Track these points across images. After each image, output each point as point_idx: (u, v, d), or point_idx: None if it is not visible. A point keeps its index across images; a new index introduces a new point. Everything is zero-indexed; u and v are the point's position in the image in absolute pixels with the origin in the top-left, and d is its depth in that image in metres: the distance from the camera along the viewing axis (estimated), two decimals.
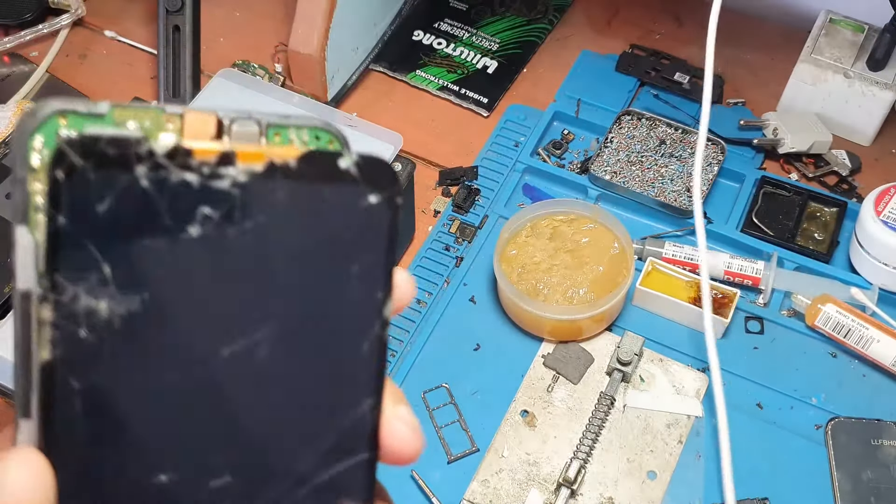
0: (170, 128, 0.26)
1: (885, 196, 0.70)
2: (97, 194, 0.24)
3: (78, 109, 0.25)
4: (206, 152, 0.25)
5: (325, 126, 0.28)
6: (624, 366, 0.66)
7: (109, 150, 0.24)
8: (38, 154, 0.24)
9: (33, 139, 0.25)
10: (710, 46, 0.67)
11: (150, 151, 0.24)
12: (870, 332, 0.66)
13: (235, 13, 0.93)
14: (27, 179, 0.24)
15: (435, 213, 0.77)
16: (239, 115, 0.27)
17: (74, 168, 0.24)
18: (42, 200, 0.24)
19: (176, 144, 0.25)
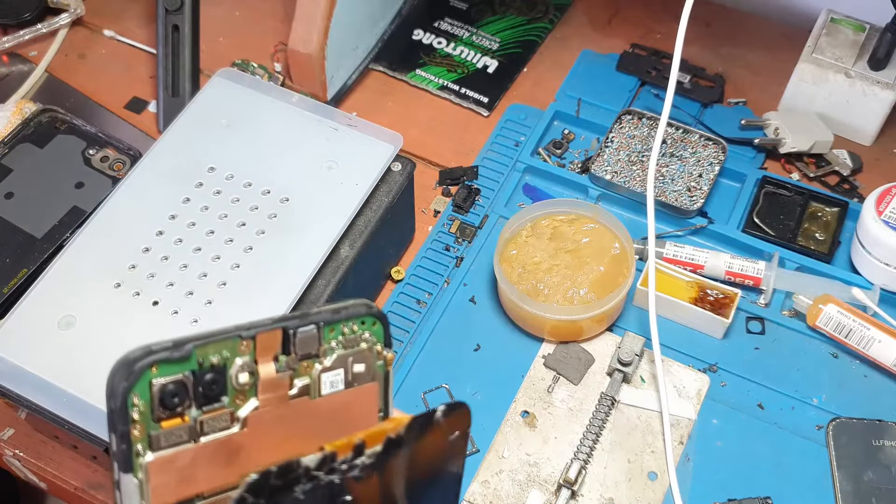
0: (243, 350, 0.28)
1: (887, 196, 0.70)
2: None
3: (166, 358, 0.27)
4: (344, 447, 0.27)
5: (367, 312, 0.31)
6: (625, 366, 0.66)
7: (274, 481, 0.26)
8: (136, 407, 0.27)
9: (131, 396, 0.27)
10: (682, 30, 0.66)
11: (307, 469, 0.27)
12: (871, 332, 0.66)
13: (235, 12, 0.92)
14: (128, 432, 0.27)
15: (435, 213, 0.77)
16: (300, 321, 0.30)
17: None
18: (142, 447, 0.27)
19: (325, 455, 0.27)
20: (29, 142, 0.75)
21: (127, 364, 0.28)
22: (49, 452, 0.66)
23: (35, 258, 0.69)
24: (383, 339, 0.32)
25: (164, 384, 0.27)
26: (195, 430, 0.28)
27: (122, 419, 0.27)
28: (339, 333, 0.31)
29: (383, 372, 0.32)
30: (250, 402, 0.29)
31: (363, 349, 0.31)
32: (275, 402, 0.30)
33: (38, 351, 0.56)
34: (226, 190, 0.64)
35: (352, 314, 0.31)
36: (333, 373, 0.30)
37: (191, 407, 0.28)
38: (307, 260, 0.61)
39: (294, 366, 0.30)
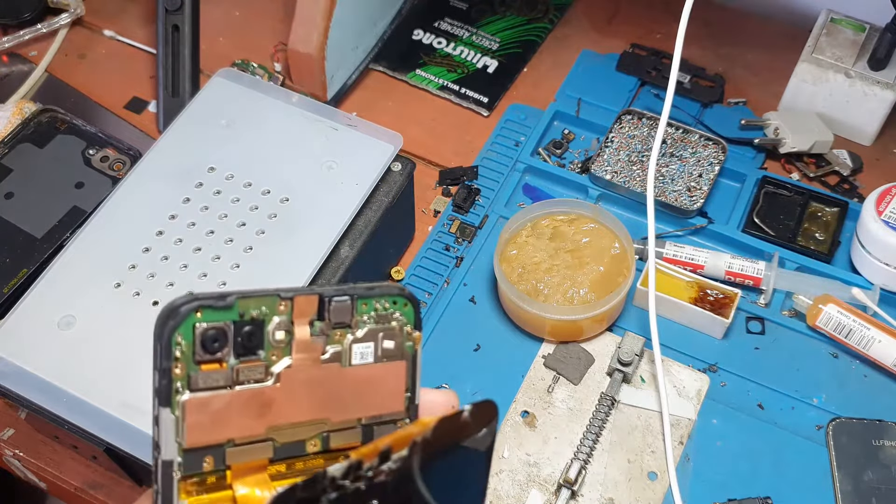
0: (282, 310, 0.30)
1: (887, 196, 0.70)
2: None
3: (211, 304, 0.29)
4: (370, 454, 0.29)
5: (399, 293, 0.33)
6: (625, 366, 0.66)
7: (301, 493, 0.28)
8: (179, 346, 0.29)
9: (176, 336, 0.29)
10: (682, 30, 0.66)
11: (333, 479, 0.28)
12: (871, 332, 0.66)
13: (235, 12, 0.92)
14: (170, 368, 0.29)
15: (435, 213, 0.77)
16: (336, 291, 0.31)
17: None
18: (182, 385, 0.29)
19: (351, 464, 0.28)
20: (29, 142, 0.75)
21: (175, 307, 0.30)
22: (49, 452, 0.66)
23: (35, 258, 0.69)
24: (413, 320, 0.33)
25: (207, 328, 0.29)
26: (231, 377, 0.30)
27: (166, 356, 0.30)
28: (371, 309, 0.32)
29: (412, 352, 0.33)
30: (284, 360, 0.31)
31: (393, 327, 0.33)
32: (307, 362, 0.31)
33: (38, 351, 0.56)
34: (226, 190, 0.64)
35: (385, 293, 0.32)
36: (364, 345, 0.32)
37: (229, 355, 0.30)
38: (307, 260, 0.61)
39: (327, 332, 0.31)
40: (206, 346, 0.29)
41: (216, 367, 0.30)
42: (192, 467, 0.29)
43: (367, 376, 0.32)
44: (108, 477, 0.64)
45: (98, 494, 0.64)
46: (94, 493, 0.64)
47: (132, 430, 0.53)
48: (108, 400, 0.54)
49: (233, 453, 0.30)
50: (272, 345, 0.30)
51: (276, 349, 0.30)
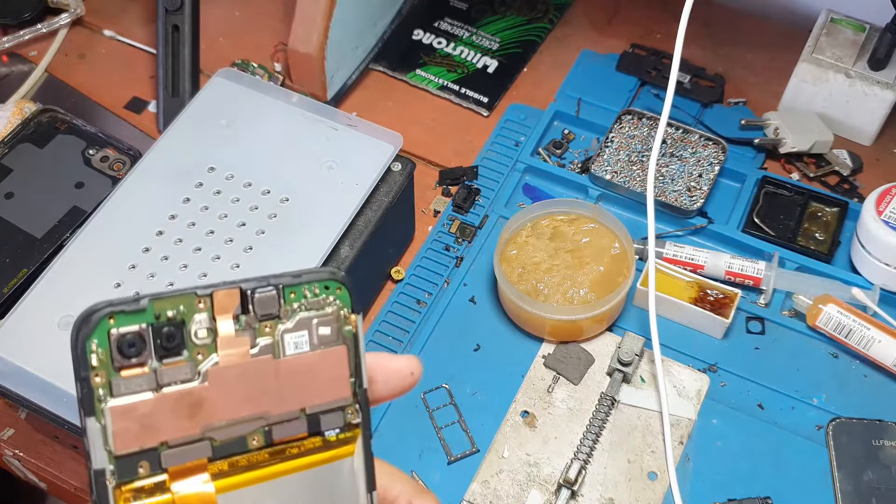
0: (201, 307, 0.30)
1: (887, 196, 0.70)
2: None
3: (123, 309, 0.29)
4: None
5: (330, 277, 0.32)
6: (625, 366, 0.66)
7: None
8: (95, 354, 0.29)
9: (91, 342, 0.29)
10: (682, 30, 0.66)
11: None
12: (871, 332, 0.66)
13: (235, 12, 0.92)
14: (90, 377, 0.29)
15: (435, 213, 0.77)
16: (258, 283, 0.31)
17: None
18: (104, 393, 0.29)
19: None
20: (29, 142, 0.75)
21: (86, 315, 0.29)
22: (49, 452, 0.66)
23: (35, 258, 0.69)
24: (350, 304, 0.32)
25: (122, 334, 0.29)
26: (155, 380, 0.30)
27: (83, 365, 0.29)
28: (301, 297, 0.31)
29: (351, 335, 0.32)
30: (211, 357, 0.30)
31: (328, 312, 0.32)
32: (236, 358, 0.30)
33: (38, 351, 0.56)
34: (226, 190, 0.64)
35: (314, 279, 0.32)
36: (297, 334, 0.31)
37: (150, 358, 0.29)
38: (307, 260, 0.61)
39: (254, 325, 0.31)
40: (123, 351, 0.29)
41: (138, 372, 0.29)
42: (127, 474, 0.29)
43: (304, 365, 0.31)
44: None
45: None
46: None
47: None
48: None
49: (168, 456, 0.29)
50: (195, 344, 0.30)
51: (201, 348, 0.30)
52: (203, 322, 0.30)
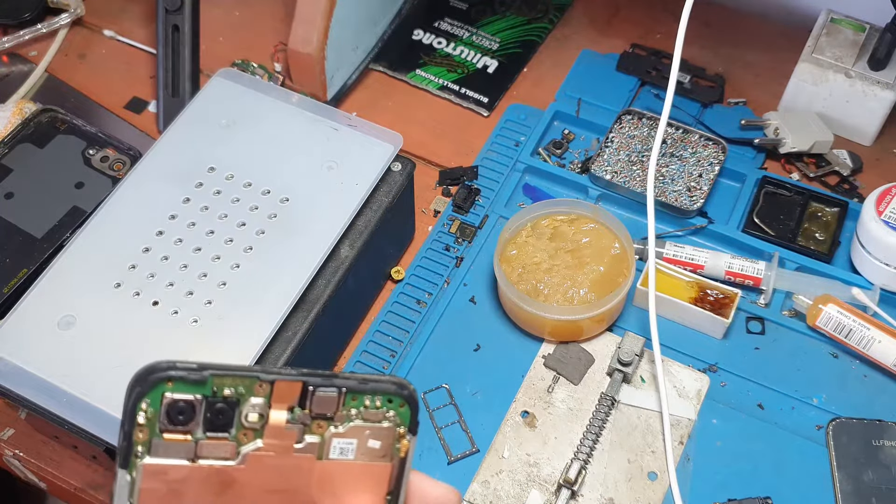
0: (260, 392, 0.30)
1: (887, 196, 0.70)
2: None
3: (183, 377, 0.29)
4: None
5: (396, 391, 0.31)
6: (625, 366, 0.66)
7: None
8: (144, 413, 0.29)
9: (143, 401, 0.29)
10: (682, 30, 0.66)
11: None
12: (871, 332, 0.66)
13: (235, 12, 0.92)
14: (133, 432, 0.29)
15: (435, 213, 0.77)
16: (324, 381, 0.30)
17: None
18: (142, 449, 0.29)
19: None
20: (29, 142, 0.75)
21: (147, 371, 0.29)
22: (49, 452, 0.66)
23: (35, 258, 0.69)
24: (409, 423, 0.31)
25: (175, 399, 0.29)
26: (195, 451, 0.30)
27: (129, 420, 0.29)
28: (360, 404, 0.31)
29: (401, 456, 0.31)
30: (254, 443, 0.30)
31: (384, 427, 0.31)
32: (279, 449, 0.30)
33: (38, 351, 0.56)
34: (226, 190, 0.64)
35: (379, 389, 0.31)
36: (346, 440, 0.31)
37: (197, 428, 0.29)
38: (307, 260, 0.61)
39: (307, 421, 0.30)
40: (172, 417, 0.29)
41: (181, 439, 0.29)
42: None
43: (344, 473, 0.31)
44: (108, 477, 0.64)
45: (98, 494, 0.64)
46: (94, 493, 0.64)
47: None
48: (108, 400, 0.54)
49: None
50: (243, 425, 0.30)
51: (248, 430, 0.30)
52: (257, 406, 0.30)
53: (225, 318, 0.58)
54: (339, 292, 0.62)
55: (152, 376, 0.29)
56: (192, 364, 0.29)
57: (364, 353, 0.69)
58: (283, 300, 0.59)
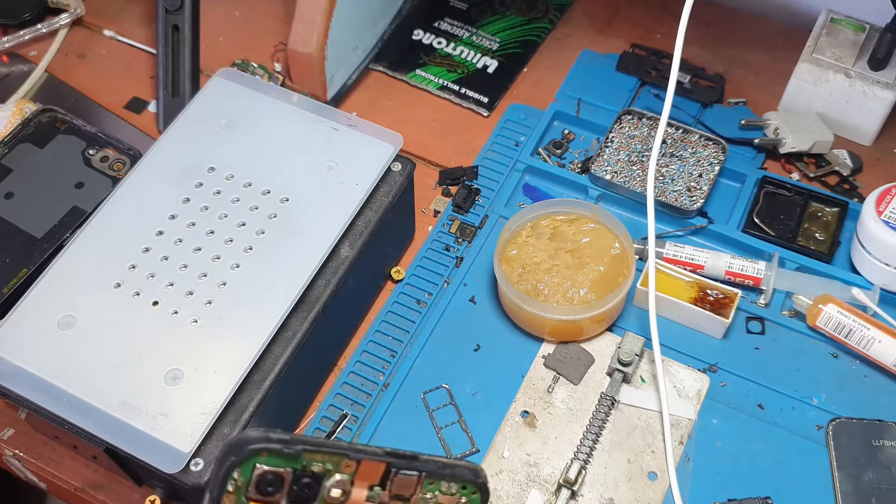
0: (346, 470, 0.31)
1: (887, 196, 0.70)
2: None
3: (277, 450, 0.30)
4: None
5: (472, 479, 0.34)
6: (625, 366, 0.66)
7: None
8: (235, 481, 0.30)
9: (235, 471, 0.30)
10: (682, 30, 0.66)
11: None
12: (871, 332, 0.66)
13: (235, 12, 0.92)
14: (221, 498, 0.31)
15: (435, 213, 0.77)
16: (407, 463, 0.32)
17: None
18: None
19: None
20: (29, 142, 0.75)
21: (243, 442, 0.31)
22: (49, 452, 0.66)
23: (35, 258, 0.69)
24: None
25: (266, 471, 0.31)
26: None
27: (220, 487, 0.31)
28: (437, 489, 0.33)
29: None
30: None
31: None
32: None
33: (38, 351, 0.57)
34: (226, 190, 0.64)
35: (457, 476, 0.33)
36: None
37: (281, 500, 0.31)
38: (307, 260, 0.61)
39: (385, 501, 0.32)
40: (261, 488, 0.31)
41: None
42: None
43: None
44: (108, 477, 0.64)
45: (98, 494, 0.64)
46: (94, 493, 0.64)
47: (132, 430, 0.53)
48: (108, 400, 0.54)
49: None
50: (325, 500, 0.31)
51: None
52: (341, 483, 0.32)
53: (225, 318, 0.58)
54: (339, 292, 0.62)
55: (248, 448, 0.31)
56: (285, 437, 0.31)
57: (364, 353, 0.69)
58: (283, 300, 0.59)
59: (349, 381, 0.68)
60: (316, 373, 0.67)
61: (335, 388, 0.67)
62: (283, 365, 0.58)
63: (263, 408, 0.57)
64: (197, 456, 0.53)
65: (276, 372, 0.58)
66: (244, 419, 0.55)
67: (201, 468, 0.53)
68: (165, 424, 0.54)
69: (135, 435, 0.53)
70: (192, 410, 0.54)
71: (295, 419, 0.66)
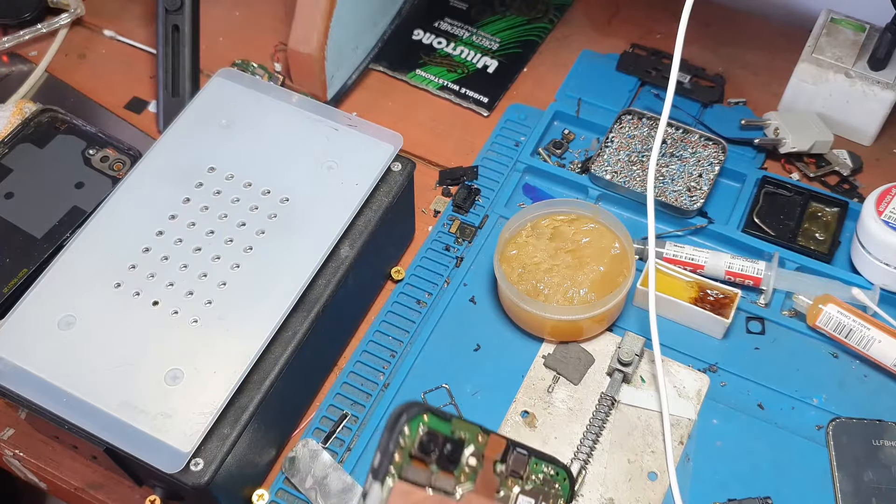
0: (480, 442, 0.38)
1: (887, 196, 0.70)
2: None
3: (437, 413, 0.37)
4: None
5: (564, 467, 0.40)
6: (625, 366, 0.66)
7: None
8: (404, 439, 0.36)
9: (406, 428, 0.36)
10: (682, 30, 0.66)
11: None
12: (871, 332, 0.66)
13: (235, 12, 0.92)
14: (393, 453, 0.35)
15: (435, 213, 0.77)
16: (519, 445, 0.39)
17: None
18: (395, 471, 0.35)
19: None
20: (29, 142, 0.75)
21: (410, 405, 0.36)
22: (49, 452, 0.66)
23: (35, 258, 0.69)
24: (567, 496, 0.40)
25: (429, 431, 0.36)
26: (430, 480, 0.36)
27: (394, 442, 0.36)
28: (540, 471, 0.39)
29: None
30: (469, 484, 0.36)
31: (551, 493, 0.39)
32: (484, 493, 0.37)
33: (38, 351, 0.56)
34: (226, 190, 0.64)
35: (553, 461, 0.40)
36: (527, 499, 0.39)
37: (433, 462, 0.36)
38: (307, 260, 0.61)
39: (504, 476, 0.38)
40: (423, 445, 0.36)
41: (423, 467, 0.36)
42: None
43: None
44: (108, 477, 0.64)
45: (98, 494, 0.64)
46: (94, 493, 0.64)
47: (132, 430, 0.53)
48: (108, 400, 0.54)
49: None
50: (464, 467, 0.36)
51: (466, 472, 0.36)
52: (476, 453, 0.37)
53: (225, 318, 0.58)
54: (339, 292, 0.62)
55: (415, 409, 0.36)
56: (438, 408, 0.36)
57: (364, 353, 0.69)
58: (283, 300, 0.59)
59: (349, 381, 0.68)
60: (316, 373, 0.67)
61: (335, 388, 0.67)
62: (283, 365, 0.58)
63: (263, 408, 0.57)
64: (197, 456, 0.54)
65: (276, 372, 0.58)
66: (244, 419, 0.55)
67: (201, 468, 0.53)
68: (165, 424, 0.54)
69: (135, 435, 0.53)
70: (192, 410, 0.54)
71: (295, 419, 0.66)
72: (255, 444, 0.59)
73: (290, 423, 0.65)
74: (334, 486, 0.62)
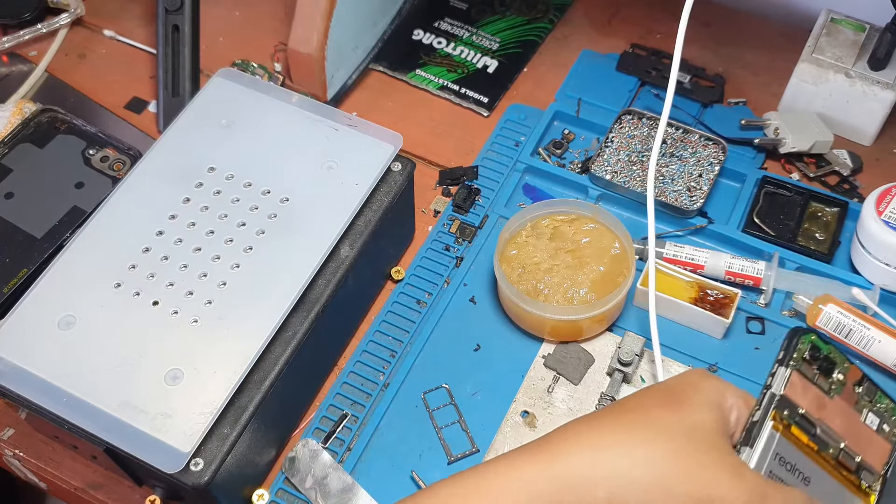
0: (846, 366, 0.49)
1: (887, 196, 0.70)
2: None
3: (822, 336, 0.49)
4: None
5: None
6: (625, 366, 0.66)
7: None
8: (799, 350, 0.48)
9: (801, 337, 0.49)
10: (682, 30, 0.66)
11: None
12: (871, 332, 0.66)
13: (235, 12, 0.92)
14: (794, 359, 0.48)
15: (435, 213, 0.77)
16: (870, 379, 0.50)
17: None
18: (794, 364, 0.48)
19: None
20: (29, 142, 0.75)
21: (801, 329, 0.48)
22: (49, 452, 0.66)
23: (35, 258, 0.69)
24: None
25: (816, 345, 0.48)
26: (814, 377, 0.48)
27: (794, 347, 0.48)
28: (884, 401, 0.49)
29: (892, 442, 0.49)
30: (837, 392, 0.48)
31: (892, 419, 0.49)
32: (843, 404, 0.48)
33: (38, 351, 0.56)
34: (226, 190, 0.64)
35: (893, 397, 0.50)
36: (874, 416, 0.49)
37: (815, 369, 0.48)
38: (307, 260, 0.61)
39: (858, 398, 0.49)
40: (813, 354, 0.48)
41: (811, 370, 0.48)
42: (781, 409, 0.46)
43: (866, 434, 0.48)
44: (108, 477, 0.64)
45: (98, 494, 0.64)
46: (94, 493, 0.64)
47: (132, 430, 0.53)
48: (108, 400, 0.54)
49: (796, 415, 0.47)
50: (833, 381, 0.48)
51: (835, 384, 0.48)
52: (842, 371, 0.49)
53: (225, 318, 0.58)
54: (339, 292, 0.62)
55: (805, 332, 0.48)
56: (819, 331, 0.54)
57: (364, 353, 0.69)
58: (283, 300, 0.59)
59: (349, 381, 0.68)
60: (316, 372, 0.67)
61: (335, 388, 0.67)
62: (283, 365, 0.58)
63: (263, 408, 0.57)
64: (197, 456, 0.53)
65: (276, 372, 0.58)
66: (244, 419, 0.55)
67: (201, 468, 0.53)
68: (165, 424, 0.54)
69: (135, 435, 0.53)
70: (192, 410, 0.54)
71: (295, 419, 0.66)
72: (255, 444, 0.59)
73: (290, 423, 0.65)
74: (334, 486, 0.62)
